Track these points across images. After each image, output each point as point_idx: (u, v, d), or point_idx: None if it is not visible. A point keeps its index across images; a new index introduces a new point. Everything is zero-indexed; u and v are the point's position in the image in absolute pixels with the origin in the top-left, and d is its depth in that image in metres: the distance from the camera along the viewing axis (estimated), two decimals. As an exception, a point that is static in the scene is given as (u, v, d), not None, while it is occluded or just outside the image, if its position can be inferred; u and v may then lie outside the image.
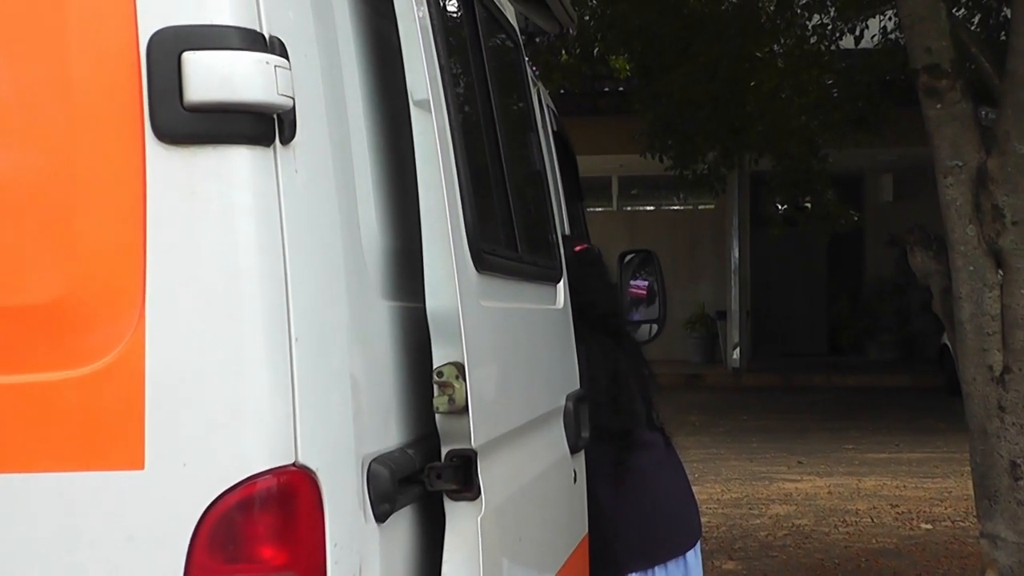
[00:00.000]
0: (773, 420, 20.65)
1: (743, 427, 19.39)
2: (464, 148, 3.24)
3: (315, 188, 2.66)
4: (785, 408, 22.94)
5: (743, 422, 20.19)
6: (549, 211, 4.81)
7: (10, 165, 2.58)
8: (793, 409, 22.92)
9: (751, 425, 19.82)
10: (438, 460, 3.05)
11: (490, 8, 4.03)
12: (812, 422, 21.24)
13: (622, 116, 16.49)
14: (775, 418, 21.05)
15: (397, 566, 2.93)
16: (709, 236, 30.96)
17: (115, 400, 2.48)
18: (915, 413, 22.00)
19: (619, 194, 32.73)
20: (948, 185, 9.44)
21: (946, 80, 9.47)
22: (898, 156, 25.49)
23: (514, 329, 3.77)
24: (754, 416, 21.08)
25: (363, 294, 2.87)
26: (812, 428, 20.39)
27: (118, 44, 2.50)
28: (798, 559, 11.28)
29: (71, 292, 2.51)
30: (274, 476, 2.47)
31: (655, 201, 33.47)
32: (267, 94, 2.47)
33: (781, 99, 15.04)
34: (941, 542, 11.96)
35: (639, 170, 23.05)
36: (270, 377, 2.48)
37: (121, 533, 2.48)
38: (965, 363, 9.54)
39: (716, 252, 30.63)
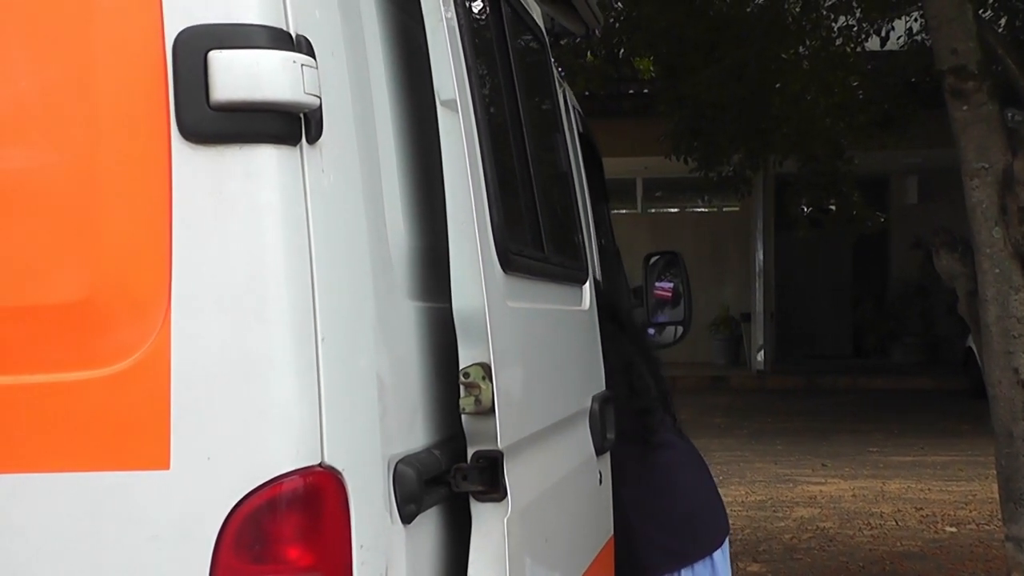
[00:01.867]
0: (797, 422, 20.63)
1: (767, 429, 19.37)
2: (491, 148, 3.23)
3: (342, 188, 2.66)
4: (809, 411, 22.92)
5: (767, 424, 20.17)
6: (575, 212, 4.80)
7: (35, 165, 2.58)
8: (817, 412, 22.90)
9: (775, 427, 19.80)
10: (464, 461, 3.04)
11: (517, 8, 4.02)
12: (836, 425, 21.21)
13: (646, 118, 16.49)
14: (799, 420, 21.03)
15: (423, 568, 2.93)
16: (733, 238, 30.94)
17: (141, 400, 2.47)
18: (940, 416, 21.97)
19: (643, 196, 32.72)
20: (974, 187, 9.42)
21: (972, 82, 9.46)
22: (923, 158, 25.47)
23: (540, 330, 3.77)
24: (778, 419, 21.06)
25: (389, 294, 2.87)
26: (836, 431, 20.36)
27: (144, 43, 2.50)
28: (822, 562, 11.26)
29: (97, 292, 2.51)
30: (300, 477, 2.46)
31: (679, 203, 33.46)
32: (294, 93, 2.46)
33: (807, 101, 15.01)
34: (966, 545, 11.94)
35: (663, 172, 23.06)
36: (296, 377, 2.47)
37: (146, 533, 2.47)
38: (990, 366, 9.53)
39: (740, 254, 30.63)
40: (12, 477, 2.51)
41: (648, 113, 16.16)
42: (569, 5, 5.26)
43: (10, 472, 2.51)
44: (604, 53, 14.06)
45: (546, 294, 3.85)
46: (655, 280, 6.85)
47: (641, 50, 14.29)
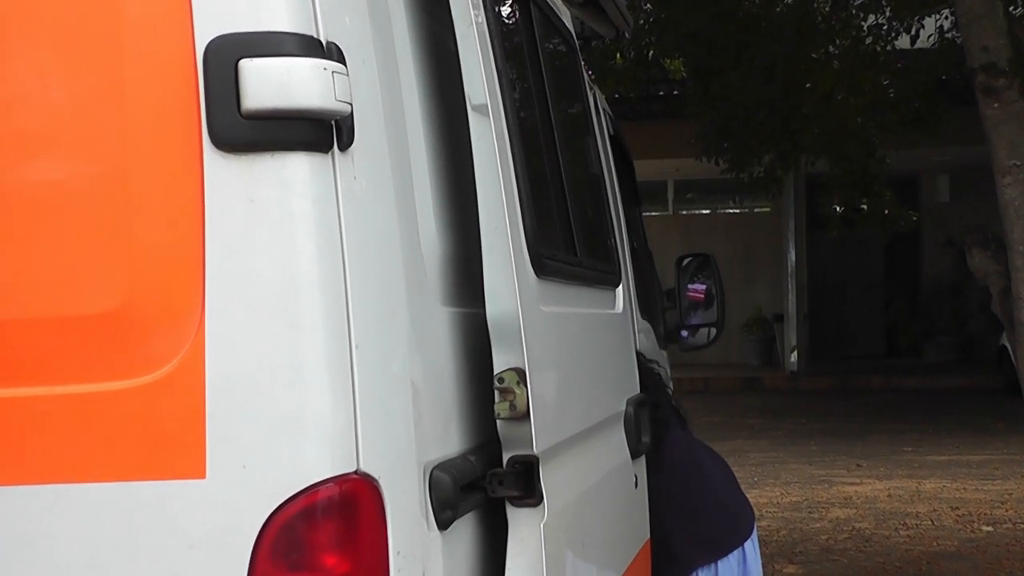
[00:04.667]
0: (831, 423, 20.58)
1: (801, 430, 19.32)
2: (522, 152, 3.22)
3: (374, 194, 2.65)
4: (843, 411, 22.86)
5: (801, 425, 20.12)
6: (607, 215, 4.79)
7: (69, 175, 2.59)
8: (851, 412, 22.85)
9: (809, 428, 19.75)
10: (500, 466, 3.04)
11: (546, 12, 4.02)
12: (871, 424, 21.16)
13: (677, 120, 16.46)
14: (833, 421, 20.98)
15: (460, 572, 2.92)
16: (765, 239, 30.89)
17: (176, 409, 2.47)
18: (974, 415, 21.89)
19: (675, 198, 32.72)
20: (1007, 184, 9.41)
21: (1003, 79, 9.44)
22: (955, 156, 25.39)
23: (574, 334, 3.76)
24: (812, 419, 21.00)
25: (423, 300, 2.86)
26: (871, 430, 20.31)
27: (175, 53, 2.50)
28: (859, 563, 11.23)
29: (131, 301, 2.51)
30: (336, 484, 2.46)
31: (711, 205, 33.43)
32: (325, 100, 2.45)
33: (837, 100, 14.98)
34: (1003, 544, 11.90)
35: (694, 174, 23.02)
36: (331, 385, 2.47)
37: (183, 542, 2.47)
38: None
39: (773, 255, 30.58)
40: (51, 488, 2.51)
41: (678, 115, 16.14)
42: (598, 8, 5.25)
43: (49, 483, 2.51)
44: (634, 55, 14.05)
45: (579, 298, 3.85)
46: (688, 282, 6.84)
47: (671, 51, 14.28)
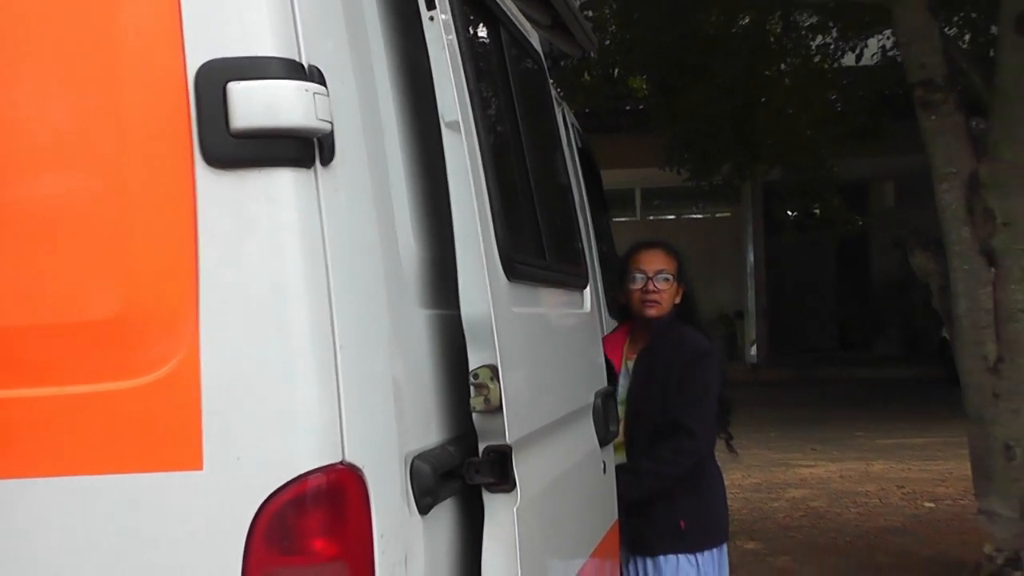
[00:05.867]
0: (789, 411, 20.63)
1: (762, 418, 19.33)
2: (493, 165, 3.22)
3: (354, 206, 2.65)
4: (800, 400, 22.93)
5: (761, 414, 20.12)
6: (575, 221, 4.79)
7: (68, 191, 2.59)
8: (807, 401, 22.93)
9: (769, 416, 19.76)
10: (476, 456, 3.03)
11: (515, 34, 4.01)
12: (825, 412, 21.24)
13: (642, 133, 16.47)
14: (791, 409, 21.03)
15: (440, 555, 2.92)
16: (726, 242, 30.95)
17: (174, 406, 2.48)
18: (918, 402, 22.00)
19: (642, 205, 32.77)
20: (944, 191, 9.47)
21: (940, 94, 9.49)
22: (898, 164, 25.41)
23: (544, 332, 3.76)
24: (771, 408, 21.01)
25: (402, 303, 2.86)
26: (825, 417, 20.38)
27: (168, 76, 2.50)
28: (813, 538, 11.27)
29: (130, 308, 2.51)
30: (323, 474, 2.46)
31: (675, 210, 33.46)
32: (307, 119, 2.46)
33: (789, 115, 15.04)
34: (943, 519, 11.95)
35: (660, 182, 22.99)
36: (317, 383, 2.48)
37: (183, 529, 2.48)
38: (962, 354, 9.57)
39: (733, 256, 30.64)
40: (59, 480, 2.51)
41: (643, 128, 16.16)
42: (565, 29, 5.25)
43: (59, 475, 2.51)
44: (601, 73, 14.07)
45: (548, 299, 3.84)
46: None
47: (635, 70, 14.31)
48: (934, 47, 9.68)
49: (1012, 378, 9.27)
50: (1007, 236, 9.19)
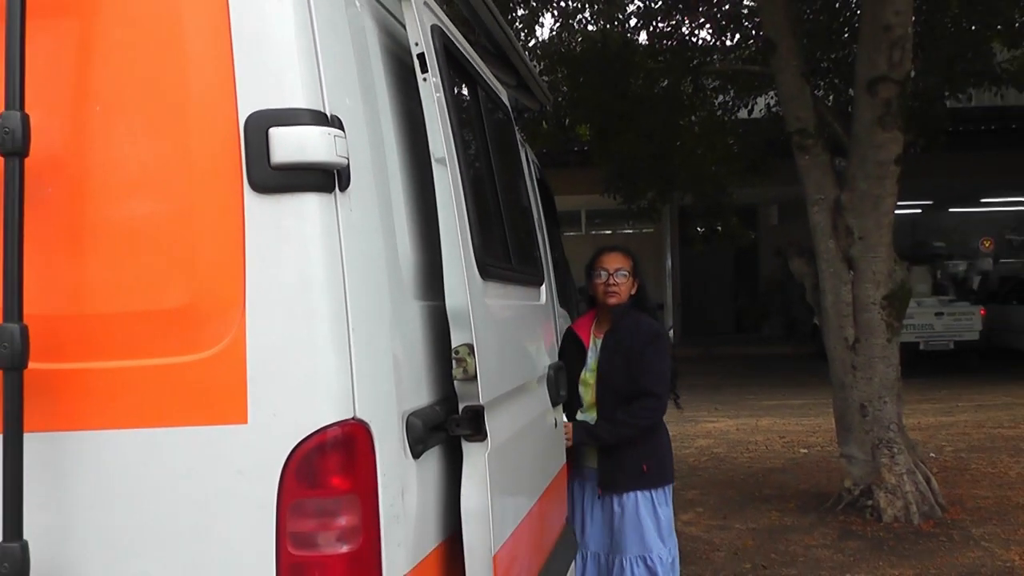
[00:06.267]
0: (698, 380, 20.65)
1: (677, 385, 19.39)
2: (471, 191, 3.21)
3: (365, 221, 2.66)
4: (706, 371, 22.96)
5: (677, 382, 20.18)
6: (534, 234, 4.79)
7: (152, 211, 2.59)
8: (711, 372, 22.96)
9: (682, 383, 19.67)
10: (457, 413, 3.04)
11: (489, 91, 4.01)
12: (725, 380, 21.30)
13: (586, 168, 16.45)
14: (700, 378, 21.06)
15: (429, 489, 2.91)
16: (650, 251, 30.95)
17: (226, 375, 2.49)
18: (796, 372, 22.09)
19: (586, 223, 32.79)
20: (815, 212, 9.53)
21: (811, 140, 9.57)
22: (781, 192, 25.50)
23: (509, 319, 3.75)
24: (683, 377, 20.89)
25: (401, 296, 2.86)
26: (725, 384, 20.44)
27: (224, 123, 2.51)
28: (715, 477, 11.28)
29: (195, 299, 2.52)
30: (339, 427, 2.48)
31: (612, 227, 33.46)
32: (329, 156, 2.48)
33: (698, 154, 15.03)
34: (814, 462, 11.98)
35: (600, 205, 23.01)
36: (335, 356, 2.49)
37: (232, 468, 2.49)
38: (828, 336, 9.63)
39: (656, 262, 30.66)
40: (142, 431, 2.53)
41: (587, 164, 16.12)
42: (527, 88, 5.25)
43: (141, 427, 2.53)
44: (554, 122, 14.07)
45: (513, 294, 3.84)
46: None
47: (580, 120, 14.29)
48: (806, 105, 9.73)
49: (865, 354, 9.32)
50: (862, 247, 9.24)
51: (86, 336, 2.57)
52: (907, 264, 9.81)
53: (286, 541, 2.47)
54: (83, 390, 2.56)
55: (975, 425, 14.42)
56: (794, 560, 8.02)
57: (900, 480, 9.12)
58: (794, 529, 8.96)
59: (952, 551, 8.11)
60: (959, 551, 8.10)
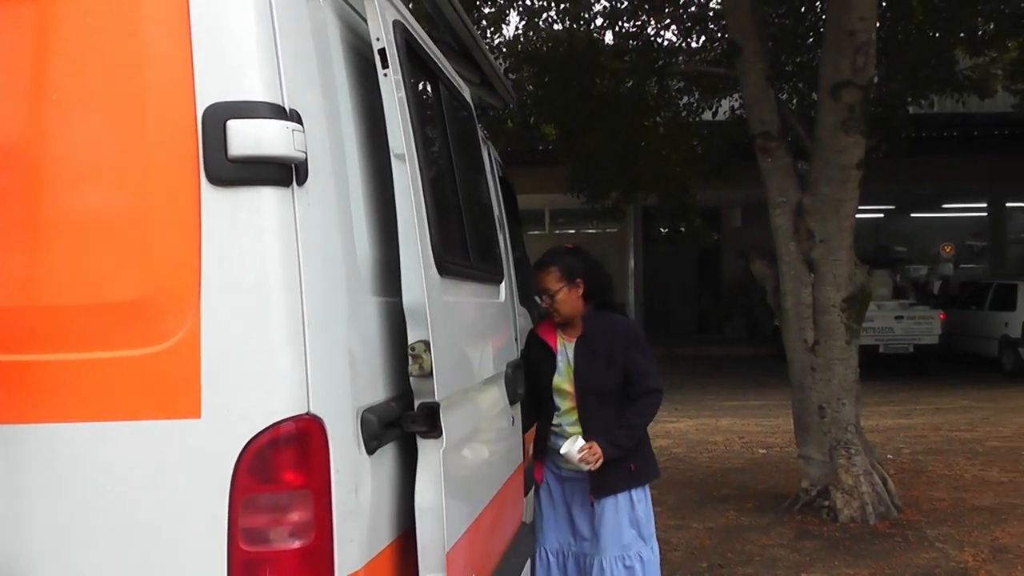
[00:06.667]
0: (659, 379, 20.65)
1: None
2: (431, 188, 3.20)
3: (322, 216, 2.65)
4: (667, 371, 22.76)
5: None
6: (494, 233, 4.78)
7: (106, 202, 2.59)
8: (673, 371, 22.97)
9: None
10: (412, 410, 3.02)
11: (451, 88, 4.00)
12: (686, 380, 21.31)
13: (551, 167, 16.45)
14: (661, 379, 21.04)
15: (382, 485, 2.90)
16: (614, 251, 31.02)
17: (180, 369, 2.48)
18: (756, 373, 22.14)
19: (550, 222, 32.82)
20: (777, 215, 9.56)
21: (774, 142, 9.60)
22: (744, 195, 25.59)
23: (467, 316, 3.74)
24: (645, 376, 21.09)
25: (358, 291, 2.85)
26: (686, 384, 20.45)
27: (182, 115, 2.51)
28: (675, 477, 11.30)
29: (150, 292, 2.51)
30: (293, 422, 2.48)
31: (576, 226, 33.51)
32: (287, 150, 2.48)
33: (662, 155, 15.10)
34: (773, 462, 12.02)
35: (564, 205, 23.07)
36: (290, 351, 2.48)
37: (185, 463, 2.49)
38: (788, 338, 9.67)
39: (619, 262, 30.71)
40: (96, 424, 2.52)
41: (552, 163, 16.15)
42: (491, 86, 5.24)
43: (92, 421, 2.52)
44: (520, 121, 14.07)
45: (471, 291, 3.83)
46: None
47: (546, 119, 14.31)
48: (770, 108, 9.77)
49: (825, 356, 9.37)
50: (823, 250, 9.28)
51: (38, 328, 2.56)
52: (868, 268, 9.86)
53: (238, 536, 2.46)
54: (35, 383, 2.55)
55: (932, 428, 14.52)
56: (750, 560, 8.05)
57: (857, 481, 9.16)
58: (751, 529, 8.99)
59: (907, 551, 8.15)
60: (914, 552, 8.15)
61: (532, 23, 13.62)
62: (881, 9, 11.32)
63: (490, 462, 4.12)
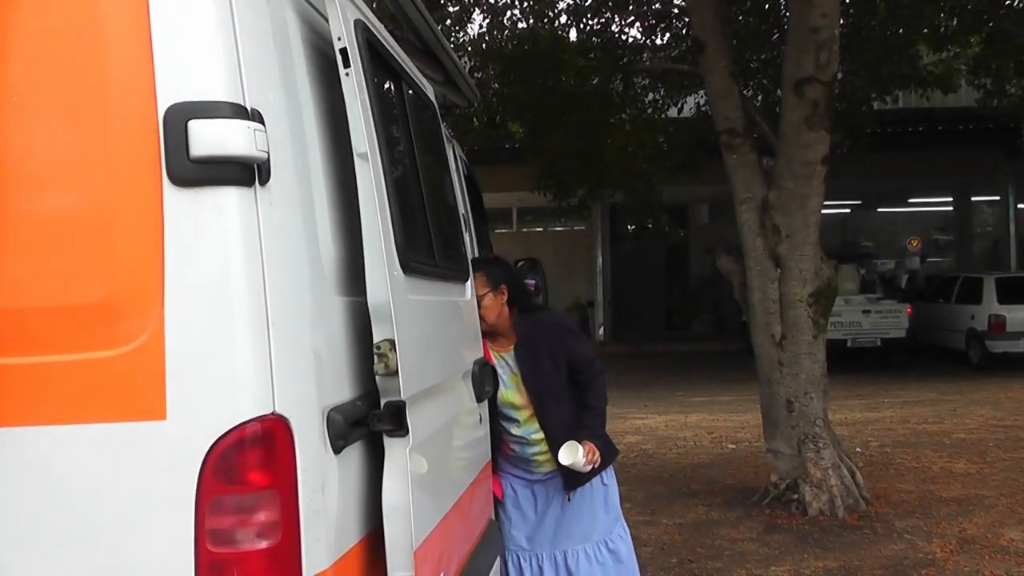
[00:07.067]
0: (628, 376, 20.77)
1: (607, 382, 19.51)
2: (394, 187, 3.20)
3: (285, 216, 2.65)
4: (636, 368, 23.09)
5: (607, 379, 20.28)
6: (459, 231, 4.78)
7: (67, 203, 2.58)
8: (641, 369, 23.09)
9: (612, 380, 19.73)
10: (378, 408, 3.02)
11: (414, 87, 4.00)
12: (654, 377, 21.41)
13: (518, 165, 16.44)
14: (629, 375, 21.18)
15: (349, 485, 2.90)
16: (581, 249, 31.07)
17: (144, 370, 2.47)
18: (725, 369, 22.21)
19: (518, 220, 32.83)
20: (743, 211, 9.60)
21: (739, 139, 9.64)
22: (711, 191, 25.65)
23: (432, 315, 3.74)
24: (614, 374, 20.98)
25: (322, 291, 2.85)
26: (654, 381, 20.55)
27: (143, 115, 2.50)
28: (644, 472, 11.34)
29: (112, 294, 2.50)
30: (259, 422, 2.48)
31: (543, 224, 33.55)
32: (249, 150, 2.48)
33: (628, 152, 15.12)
34: (742, 457, 12.08)
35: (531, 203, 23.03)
36: (254, 352, 2.48)
37: (151, 465, 2.48)
38: (756, 333, 9.71)
39: (587, 259, 30.76)
40: (60, 428, 2.51)
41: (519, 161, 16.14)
42: (455, 85, 5.24)
43: (59, 424, 2.51)
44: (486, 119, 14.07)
45: (437, 289, 3.82)
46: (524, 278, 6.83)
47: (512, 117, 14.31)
48: (735, 105, 9.80)
49: (792, 351, 9.41)
50: (789, 245, 9.32)
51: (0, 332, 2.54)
52: (835, 263, 9.92)
53: (205, 538, 2.45)
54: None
55: (900, 421, 14.61)
56: (720, 554, 8.08)
57: (825, 474, 9.22)
58: (721, 523, 9.02)
59: (875, 543, 8.21)
60: (882, 543, 8.20)
61: (496, 21, 13.64)
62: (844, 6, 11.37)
63: (458, 460, 4.12)
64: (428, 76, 4.62)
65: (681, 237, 29.43)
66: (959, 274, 24.12)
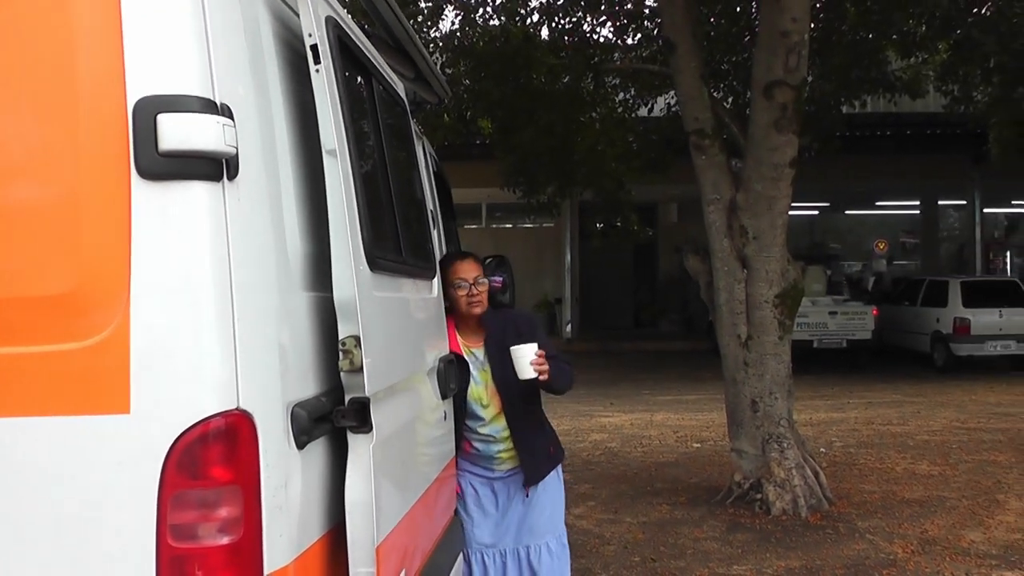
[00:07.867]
0: (594, 374, 20.78)
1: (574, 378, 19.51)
2: (362, 183, 3.20)
3: (253, 211, 2.65)
4: (602, 366, 23.10)
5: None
6: (427, 227, 4.78)
7: (34, 195, 2.57)
8: (608, 366, 23.10)
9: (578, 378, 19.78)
10: (343, 405, 3.03)
11: (384, 83, 4.00)
12: (621, 375, 21.43)
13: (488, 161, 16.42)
14: (595, 373, 21.18)
15: (312, 480, 2.90)
16: (550, 246, 31.09)
17: (109, 363, 2.47)
18: (691, 368, 22.28)
19: (487, 216, 32.82)
20: (711, 211, 9.64)
21: (708, 140, 9.68)
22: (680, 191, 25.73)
23: (398, 311, 3.74)
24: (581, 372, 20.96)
25: (288, 286, 2.85)
26: (621, 379, 20.57)
27: (112, 108, 2.50)
28: (609, 470, 11.36)
29: (78, 286, 2.50)
30: (222, 417, 2.48)
31: (513, 221, 33.55)
32: (218, 145, 2.48)
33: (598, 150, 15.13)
34: (707, 456, 12.11)
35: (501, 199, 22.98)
36: (219, 346, 2.48)
37: (114, 459, 2.48)
38: (722, 333, 9.75)
39: (555, 257, 30.76)
40: (23, 420, 2.51)
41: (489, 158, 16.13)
42: (425, 81, 5.24)
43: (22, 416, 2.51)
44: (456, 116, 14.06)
45: (403, 286, 3.82)
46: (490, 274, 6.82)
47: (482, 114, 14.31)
48: (705, 106, 9.84)
49: (757, 351, 9.46)
50: (755, 246, 9.36)
51: (-36, 321, 2.53)
52: (802, 264, 9.96)
53: (166, 533, 2.46)
54: (-39, 377, 2.52)
55: (864, 422, 14.69)
56: (683, 553, 8.11)
57: (789, 474, 9.27)
58: (684, 522, 9.06)
59: (838, 543, 8.26)
60: (844, 543, 8.25)
61: (468, 18, 13.64)
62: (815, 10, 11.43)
63: (422, 456, 4.12)
64: (399, 72, 4.62)
65: (650, 236, 29.56)
66: (925, 277, 24.29)
